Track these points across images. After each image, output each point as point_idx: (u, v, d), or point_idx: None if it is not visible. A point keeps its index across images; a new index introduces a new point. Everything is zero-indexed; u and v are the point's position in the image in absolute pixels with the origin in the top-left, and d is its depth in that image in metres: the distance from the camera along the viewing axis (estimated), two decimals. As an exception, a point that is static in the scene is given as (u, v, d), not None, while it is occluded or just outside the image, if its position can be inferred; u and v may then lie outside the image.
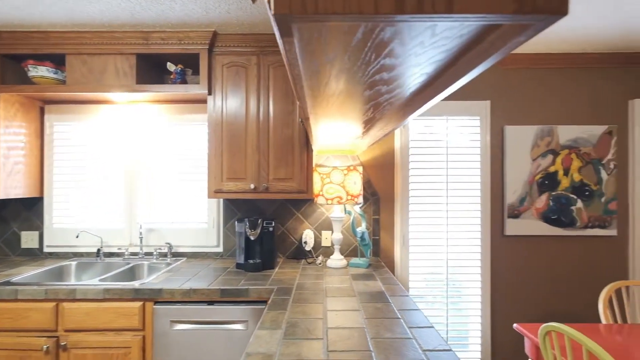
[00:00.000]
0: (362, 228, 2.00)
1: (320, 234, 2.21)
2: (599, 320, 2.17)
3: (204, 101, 2.17)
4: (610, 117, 2.20)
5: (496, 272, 2.20)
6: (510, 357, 2.18)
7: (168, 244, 2.13)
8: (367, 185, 2.24)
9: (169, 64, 1.93)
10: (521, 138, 2.18)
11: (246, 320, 1.57)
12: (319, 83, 0.69)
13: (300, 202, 2.22)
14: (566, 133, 2.17)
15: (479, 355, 2.16)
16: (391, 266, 2.22)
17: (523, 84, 2.22)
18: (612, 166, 2.16)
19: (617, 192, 2.17)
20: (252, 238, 1.90)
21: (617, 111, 2.20)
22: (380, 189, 2.24)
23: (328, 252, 2.21)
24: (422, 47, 0.51)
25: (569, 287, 2.19)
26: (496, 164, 2.21)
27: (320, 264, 2.03)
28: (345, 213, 2.03)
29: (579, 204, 2.16)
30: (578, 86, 2.21)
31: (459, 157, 2.20)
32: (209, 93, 1.91)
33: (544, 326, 1.20)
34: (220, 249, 2.21)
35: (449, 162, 2.19)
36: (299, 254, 2.22)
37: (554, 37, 1.93)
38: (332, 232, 2.12)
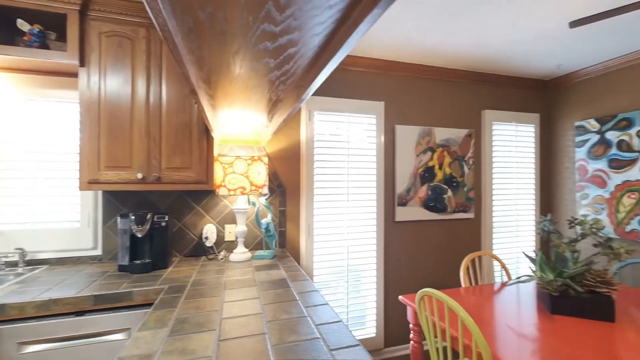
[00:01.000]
0: (267, 219, 1.98)
1: (224, 228, 2.10)
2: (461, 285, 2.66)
3: (74, 74, 1.80)
4: (470, 122, 2.73)
5: (388, 254, 2.47)
6: (399, 326, 2.48)
7: (20, 249, 1.69)
8: (274, 177, 2.23)
9: (20, 21, 1.53)
10: (408, 136, 2.51)
11: (128, 327, 1.36)
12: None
13: (201, 195, 2.06)
14: (440, 134, 2.59)
15: (374, 330, 2.39)
16: (297, 256, 2.27)
17: (410, 90, 2.56)
18: (471, 162, 2.69)
19: (474, 183, 2.71)
20: (139, 235, 1.67)
21: (475, 118, 2.75)
22: (287, 180, 2.26)
23: (232, 246, 2.12)
24: (319, 9, 0.52)
25: (443, 261, 2.62)
26: (389, 158, 2.49)
27: (222, 259, 1.92)
28: (249, 204, 1.97)
29: (449, 192, 2.61)
30: (448, 95, 2.67)
31: (358, 151, 2.39)
32: (81, 64, 1.59)
33: (418, 293, 1.40)
34: (98, 252, 1.87)
35: (350, 156, 2.36)
36: (199, 250, 2.05)
37: (431, 51, 2.29)
38: (237, 225, 2.03)
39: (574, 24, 1.36)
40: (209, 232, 1.98)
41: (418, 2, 1.64)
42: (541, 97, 3.00)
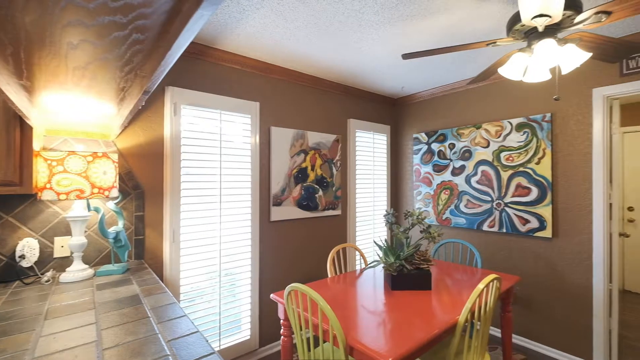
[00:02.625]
0: (117, 227, 1.67)
1: (52, 242, 1.65)
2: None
3: None
4: (338, 128, 3.05)
5: (263, 255, 2.49)
6: (273, 325, 2.53)
7: None
8: (128, 178, 1.90)
9: None
10: (283, 138, 2.59)
11: None
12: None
13: (13, 201, 1.56)
14: (313, 138, 2.80)
15: (249, 332, 2.36)
16: (159, 267, 2.01)
17: (285, 93, 2.65)
18: (339, 164, 3.01)
19: (341, 183, 3.04)
20: None
21: (342, 125, 3.09)
22: (146, 181, 1.97)
23: (66, 264, 1.69)
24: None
25: (314, 255, 2.83)
26: (264, 159, 2.51)
27: (48, 281, 1.50)
28: (90, 211, 1.62)
29: (320, 192, 2.84)
30: (320, 102, 2.91)
31: (232, 151, 2.31)
32: None
33: (286, 288, 1.46)
34: None
35: (223, 156, 2.25)
36: (10, 274, 1.55)
37: (303, 60, 2.43)
38: (71, 237, 1.63)
39: (406, 56, 1.70)
40: (27, 248, 1.52)
41: (286, 17, 1.72)
42: (392, 112, 3.64)
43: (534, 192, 2.52)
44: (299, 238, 2.72)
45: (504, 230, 2.69)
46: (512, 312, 2.65)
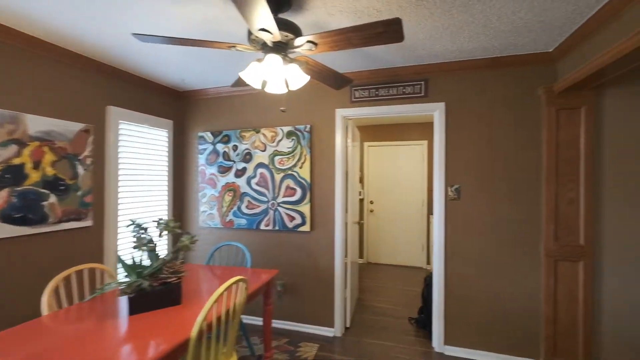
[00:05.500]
0: None
1: None
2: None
3: None
4: (88, 116, 2.38)
5: None
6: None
7: None
8: None
9: None
10: (-30, 120, 1.71)
11: None
12: None
13: None
14: (38, 124, 2.02)
15: None
16: None
17: (-25, 53, 1.76)
18: (89, 162, 2.35)
19: (93, 186, 2.39)
20: None
21: (97, 113, 2.44)
22: None
23: None
24: None
25: (38, 287, 2.06)
26: None
27: None
28: None
29: (53, 198, 2.10)
30: (57, 79, 2.15)
31: None
32: None
33: None
34: None
35: None
36: None
37: (41, 24, 1.68)
38: None
39: (139, 36, 1.44)
40: None
41: None
42: (175, 105, 3.27)
43: (299, 193, 2.88)
44: (18, 265, 1.89)
45: (277, 228, 2.94)
46: (281, 301, 2.94)
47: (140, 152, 2.80)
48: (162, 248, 3.00)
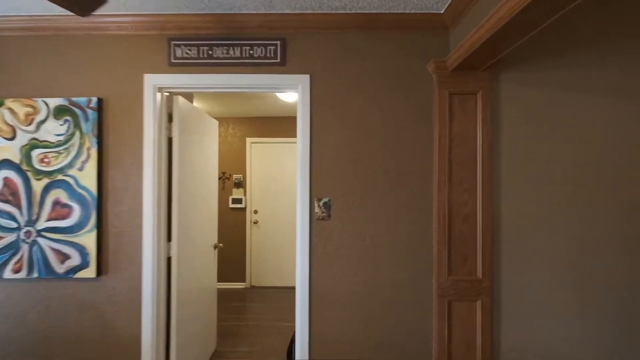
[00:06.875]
0: None
1: None
2: None
3: None
4: None
5: None
6: None
7: None
8: None
9: None
10: None
11: None
12: None
13: None
14: None
15: None
16: None
17: None
18: None
19: None
20: None
21: None
22: None
23: None
24: None
25: None
26: None
27: None
28: None
29: None
30: None
31: None
32: None
33: None
34: None
35: None
36: None
37: None
38: None
39: None
40: None
41: None
42: None
43: (76, 212, 1.68)
44: None
45: (36, 275, 1.67)
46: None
47: None
48: None
